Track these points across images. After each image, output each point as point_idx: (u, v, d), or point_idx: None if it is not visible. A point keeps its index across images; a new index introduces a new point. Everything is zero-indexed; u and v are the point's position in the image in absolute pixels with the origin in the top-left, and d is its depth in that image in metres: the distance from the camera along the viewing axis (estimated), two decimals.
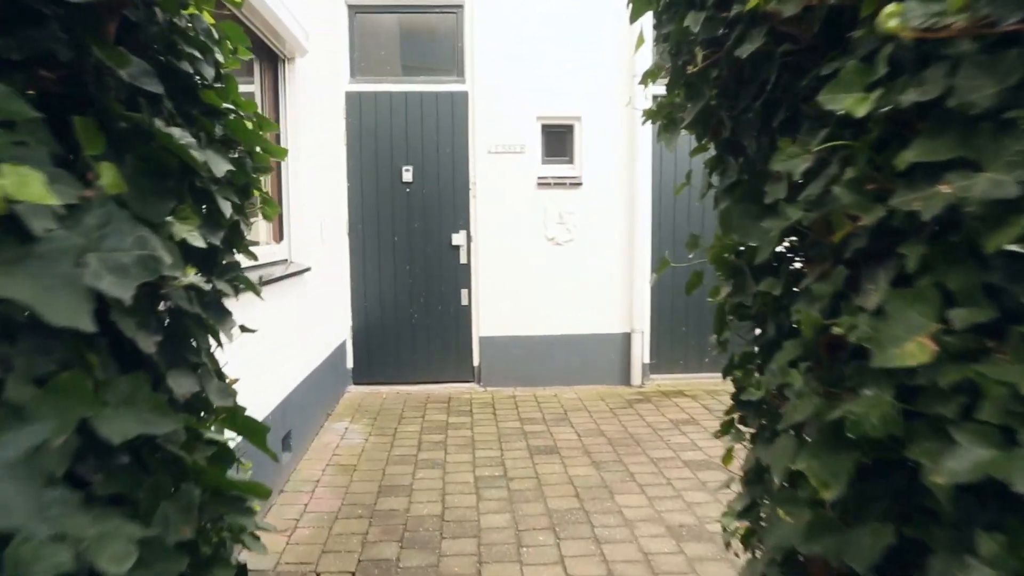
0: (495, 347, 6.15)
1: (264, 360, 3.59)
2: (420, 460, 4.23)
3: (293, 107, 4.41)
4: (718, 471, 4.06)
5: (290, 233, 4.40)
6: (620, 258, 6.23)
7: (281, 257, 4.30)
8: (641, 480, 3.92)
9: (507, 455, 4.35)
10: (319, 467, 4.10)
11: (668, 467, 4.14)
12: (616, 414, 5.31)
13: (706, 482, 3.90)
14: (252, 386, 3.60)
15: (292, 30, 4.11)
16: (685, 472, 4.05)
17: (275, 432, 3.69)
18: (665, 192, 6.30)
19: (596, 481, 3.90)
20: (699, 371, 6.50)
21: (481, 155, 6.04)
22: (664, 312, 6.37)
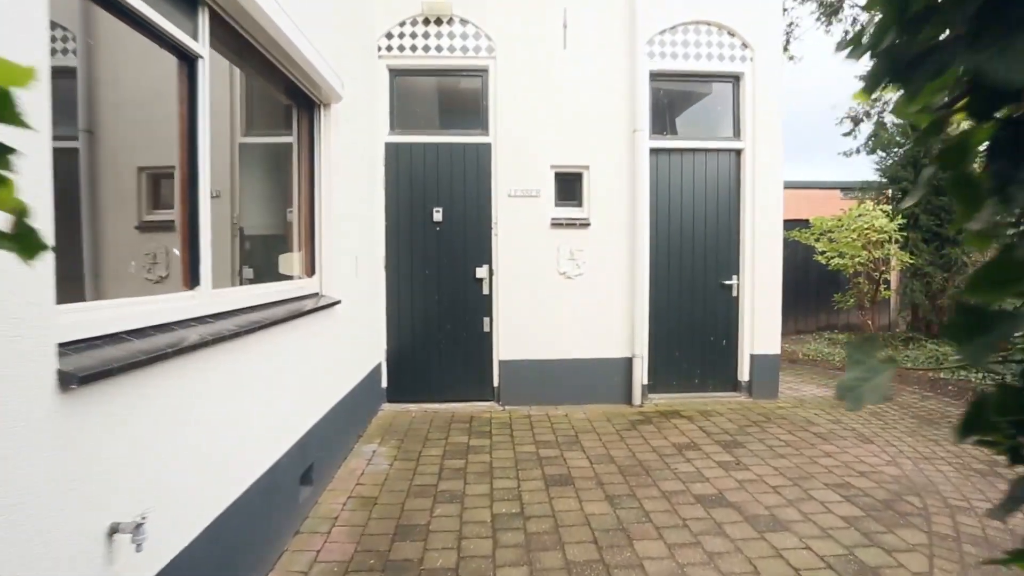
0: (512, 370, 5.22)
1: (289, 396, 2.70)
2: (440, 492, 3.29)
3: (327, 149, 3.54)
4: (731, 510, 3.09)
5: (321, 268, 3.52)
6: (623, 290, 5.30)
7: (312, 291, 3.41)
8: (657, 520, 2.96)
9: (524, 485, 3.40)
10: (340, 500, 3.17)
11: (681, 504, 3.17)
12: (622, 436, 4.34)
13: (722, 524, 2.93)
14: (270, 424, 2.77)
15: (326, 76, 3.25)
16: (699, 511, 3.08)
17: (293, 469, 2.78)
18: (660, 231, 5.38)
19: (612, 522, 2.94)
20: (690, 391, 5.54)
21: (502, 198, 5.14)
22: (660, 338, 5.43)
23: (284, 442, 2.64)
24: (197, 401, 1.89)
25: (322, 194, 3.51)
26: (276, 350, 2.57)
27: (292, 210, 3.39)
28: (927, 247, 8.16)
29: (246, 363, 2.24)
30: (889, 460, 3.87)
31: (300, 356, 2.91)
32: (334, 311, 3.52)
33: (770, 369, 5.53)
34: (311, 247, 3.45)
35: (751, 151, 5.36)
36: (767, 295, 5.46)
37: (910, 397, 5.67)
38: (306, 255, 3.42)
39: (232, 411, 2.12)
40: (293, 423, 2.78)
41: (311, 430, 3.03)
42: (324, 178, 3.52)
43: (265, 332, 2.41)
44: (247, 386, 2.26)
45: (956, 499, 3.29)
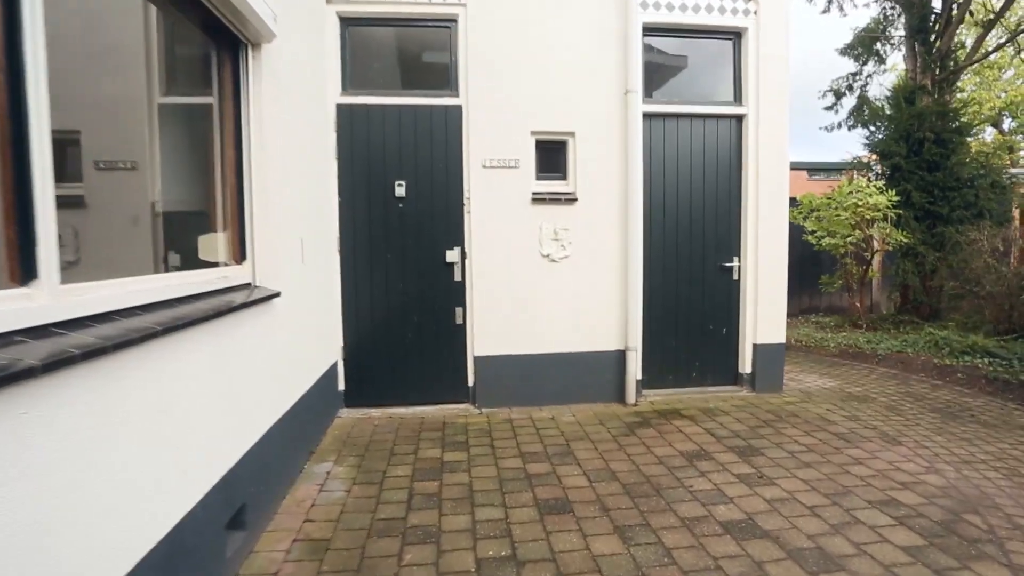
0: (490, 367, 4.60)
1: (205, 424, 2.03)
2: (410, 529, 2.66)
3: (258, 102, 2.81)
4: (768, 543, 2.56)
5: (254, 253, 2.80)
6: (614, 275, 4.72)
7: (242, 281, 2.70)
8: (684, 562, 2.40)
9: (512, 515, 2.80)
10: (283, 546, 2.50)
11: (706, 535, 2.62)
12: (621, 444, 3.79)
13: (762, 563, 2.40)
14: (172, 470, 1.78)
15: (253, 4, 2.52)
16: (730, 545, 2.54)
17: (215, 516, 2.11)
18: (654, 207, 4.82)
19: (628, 567, 2.36)
20: (687, 385, 5.03)
21: (475, 170, 4.48)
22: (655, 328, 4.89)
23: (198, 487, 1.96)
24: (22, 466, 1.21)
25: (252, 159, 2.78)
26: (181, 366, 1.88)
27: (214, 180, 2.66)
28: (919, 225, 7.85)
29: (123, 391, 1.56)
30: (928, 467, 3.42)
31: (222, 368, 2.22)
32: (272, 306, 2.83)
33: (774, 360, 5.06)
34: (239, 227, 2.74)
35: (754, 117, 4.81)
36: (772, 278, 4.96)
37: (919, 387, 5.30)
38: (232, 237, 2.70)
39: (96, 467, 1.44)
40: (212, 457, 2.11)
41: (243, 460, 2.36)
42: (255, 139, 2.79)
43: (161, 342, 1.73)
44: (126, 424, 1.58)
45: (1019, 516, 2.85)
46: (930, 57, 8.21)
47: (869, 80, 10.90)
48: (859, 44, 10.80)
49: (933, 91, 8.16)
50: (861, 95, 10.79)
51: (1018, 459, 3.56)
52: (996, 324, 6.76)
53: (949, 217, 7.81)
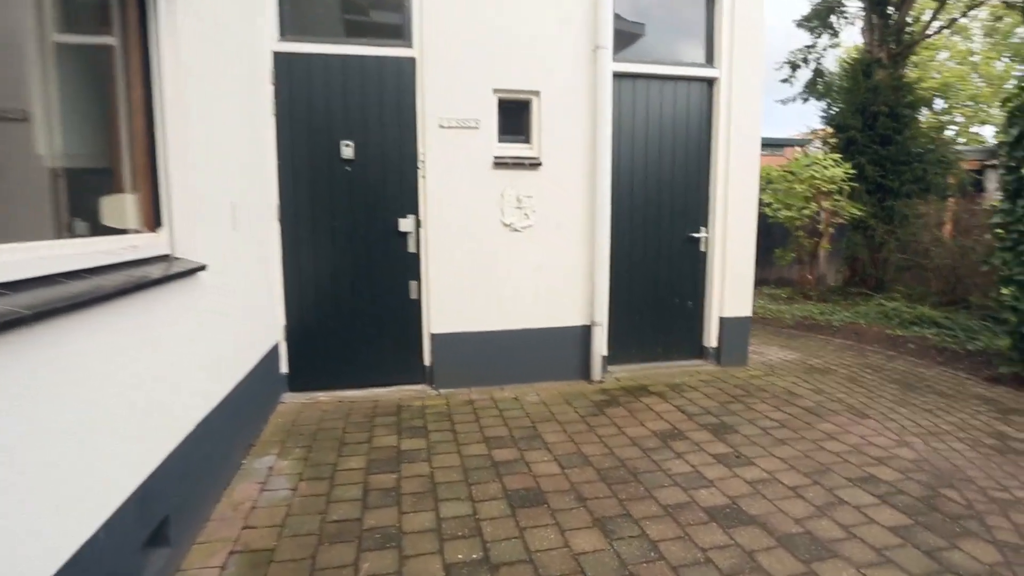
0: (448, 345, 4.31)
1: (108, 431, 1.67)
2: (367, 532, 2.37)
3: (172, 40, 2.36)
4: (756, 529, 2.42)
5: (172, 219, 2.39)
6: (581, 246, 4.49)
7: (157, 252, 2.30)
8: (671, 556, 2.23)
9: (481, 511, 2.56)
10: (218, 560, 2.17)
11: (691, 524, 2.46)
12: (590, 425, 3.60)
13: (753, 553, 2.25)
14: (63, 492, 1.36)
15: None
16: (717, 534, 2.39)
17: (130, 536, 1.76)
18: (622, 174, 4.59)
19: (613, 565, 2.17)
20: (653, 360, 4.91)
21: (431, 130, 4.11)
22: (620, 301, 4.71)
23: (100, 508, 1.61)
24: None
25: (166, 109, 2.34)
26: (71, 361, 1.51)
27: (119, 131, 2.23)
28: (871, 198, 7.99)
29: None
30: (898, 440, 3.39)
31: (133, 359, 1.85)
32: (197, 281, 2.43)
33: (740, 334, 4.98)
34: (151, 188, 2.31)
35: (727, 81, 4.62)
36: (740, 250, 4.85)
37: (875, 358, 5.37)
38: (144, 199, 2.28)
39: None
40: (121, 469, 1.75)
41: (165, 465, 2.00)
42: (169, 85, 2.35)
43: (35, 330, 1.35)
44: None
45: (994, 488, 2.82)
46: (888, 30, 8.28)
47: (824, 53, 11.00)
48: (815, 17, 10.85)
49: (889, 65, 8.25)
50: (817, 68, 10.89)
51: (979, 429, 3.59)
52: (941, 295, 6.97)
53: (899, 191, 7.97)
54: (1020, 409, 3.96)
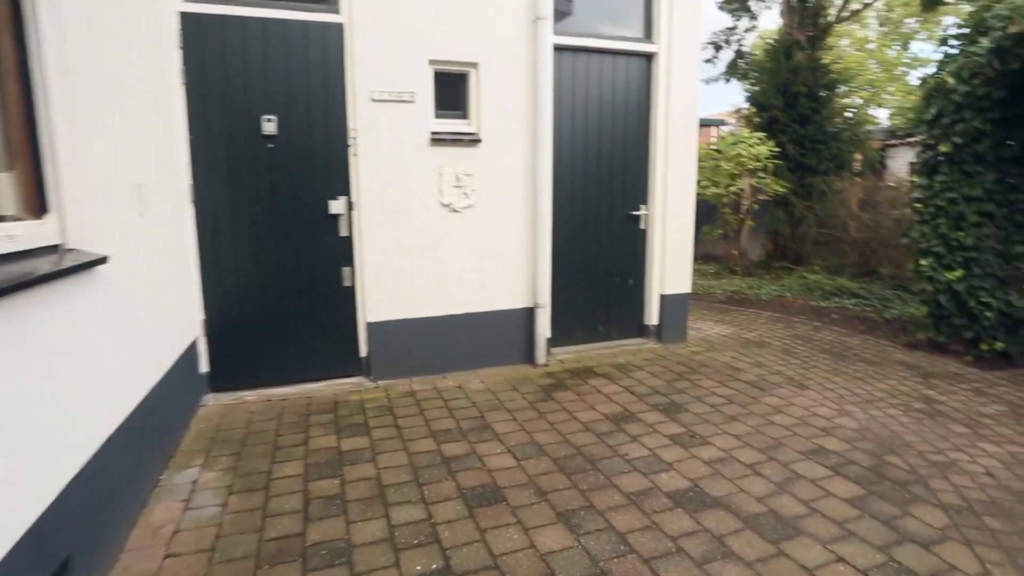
0: (386, 333, 4.04)
1: None
2: (311, 548, 2.13)
3: None
4: (722, 512, 2.37)
5: (61, 202, 2.00)
6: (522, 225, 4.32)
7: (44, 242, 1.92)
8: (642, 548, 2.12)
9: (437, 514, 2.37)
10: None
11: (657, 512, 2.38)
12: (540, 411, 3.47)
13: (722, 537, 2.20)
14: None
15: None
16: (684, 520, 2.31)
17: None
18: (563, 152, 4.45)
19: (584, 563, 2.04)
20: (595, 340, 4.85)
21: (362, 103, 3.78)
22: (563, 282, 4.59)
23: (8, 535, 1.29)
24: None
25: (46, 66, 1.94)
26: None
27: None
28: (792, 176, 8.29)
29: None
30: (838, 409, 3.48)
31: (13, 375, 1.51)
32: (96, 276, 2.07)
33: (680, 311, 5.01)
34: (33, 166, 1.92)
35: (665, 56, 4.55)
36: (679, 227, 4.84)
37: (803, 329, 5.57)
38: (25, 180, 1.89)
39: None
40: (5, 510, 1.42)
41: (63, 497, 1.67)
42: (48, 39, 1.95)
43: None
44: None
45: (931, 452, 2.93)
46: (805, 13, 8.56)
47: (745, 36, 11.30)
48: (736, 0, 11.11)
49: (808, 47, 8.56)
50: (738, 50, 11.18)
51: (907, 394, 3.75)
52: (856, 268, 7.35)
53: (817, 168, 8.32)
54: (939, 373, 4.19)
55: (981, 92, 4.09)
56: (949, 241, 4.38)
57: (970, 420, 3.34)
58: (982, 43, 3.99)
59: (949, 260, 4.38)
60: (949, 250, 4.39)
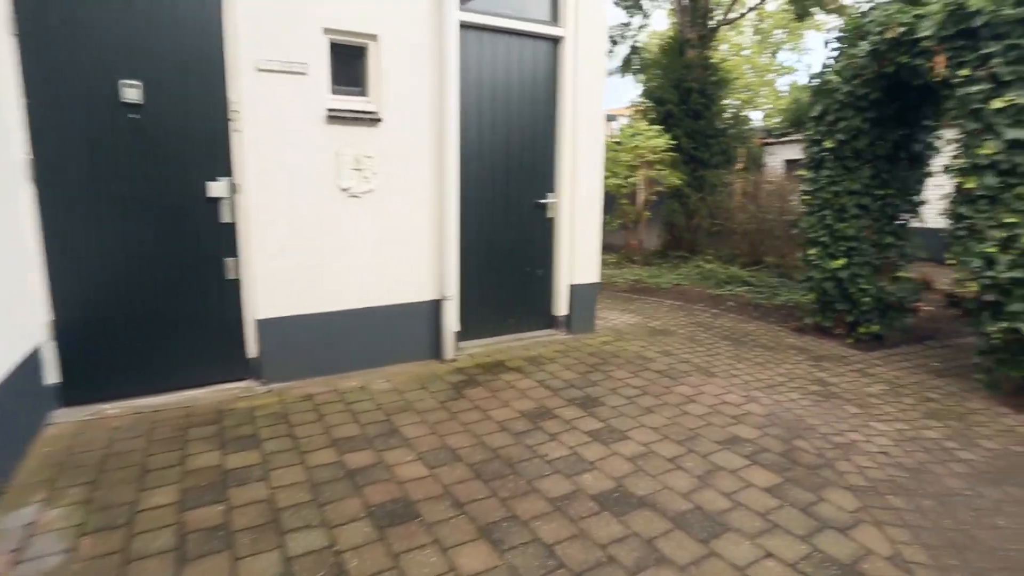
0: (278, 331, 3.60)
1: None
2: None
3: None
4: (649, 512, 2.26)
5: None
6: (427, 213, 4.03)
7: None
8: (571, 560, 1.95)
9: (342, 539, 2.06)
10: None
11: (584, 517, 2.22)
12: (452, 412, 3.22)
13: (652, 540, 2.08)
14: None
15: None
16: (612, 524, 2.17)
17: None
18: (469, 136, 4.20)
19: None
20: (505, 332, 4.67)
21: (247, 73, 3.29)
22: (471, 272, 4.36)
23: None
24: None
25: None
26: None
27: None
28: (686, 168, 8.59)
29: None
30: (746, 396, 3.54)
31: None
32: None
33: (589, 300, 4.95)
34: None
35: (572, 40, 4.42)
36: (587, 216, 4.77)
37: (703, 316, 5.73)
38: None
39: None
40: None
41: None
42: None
43: None
44: None
45: (832, 434, 3.03)
46: (696, 12, 8.89)
47: (639, 31, 11.60)
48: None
49: (698, 45, 8.89)
50: (633, 45, 11.44)
51: (803, 378, 3.91)
52: (746, 257, 7.76)
53: (708, 162, 8.70)
54: (827, 356, 4.43)
55: (861, 92, 4.34)
56: (834, 232, 4.65)
57: (860, 400, 3.53)
58: (862, 46, 4.22)
59: (833, 249, 4.66)
60: (834, 240, 4.66)
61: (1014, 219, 3.26)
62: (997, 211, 3.34)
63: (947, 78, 3.64)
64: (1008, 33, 3.33)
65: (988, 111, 3.35)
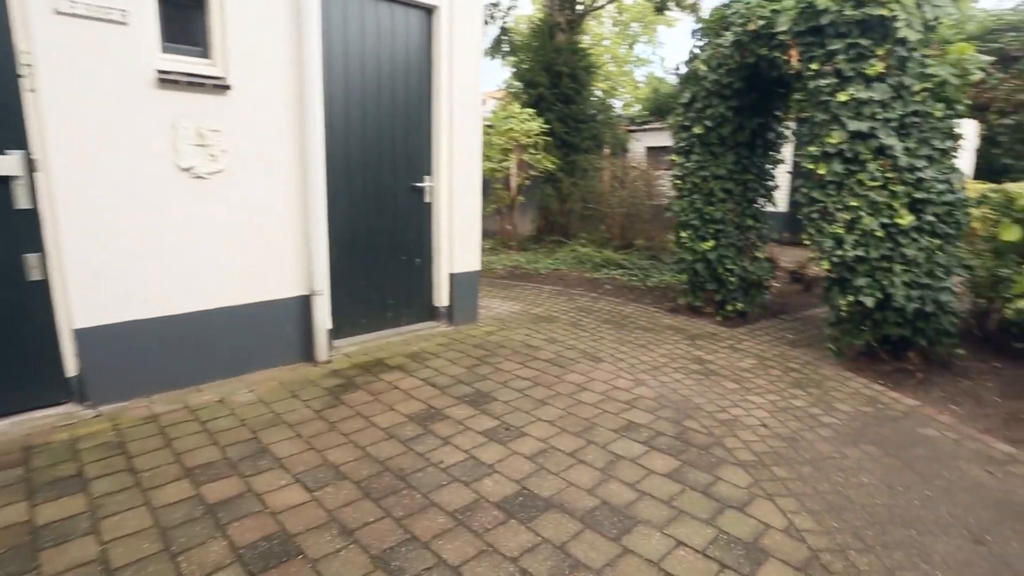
0: (108, 341, 2.99)
1: None
2: None
3: None
4: (557, 514, 2.15)
5: None
6: (291, 196, 3.59)
7: None
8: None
9: None
10: None
11: (490, 529, 2.05)
12: (330, 421, 2.89)
13: (564, 545, 1.96)
14: None
15: None
16: (522, 533, 2.02)
17: None
18: (336, 113, 3.81)
19: None
20: (383, 327, 4.37)
21: (41, 15, 2.63)
22: (342, 264, 4.00)
23: None
24: None
25: None
26: None
27: None
28: (559, 153, 8.70)
29: None
30: (633, 380, 3.59)
31: None
32: None
33: (471, 289, 4.78)
34: None
35: (447, 11, 4.16)
36: (467, 200, 4.58)
37: (583, 300, 5.82)
38: None
39: None
40: None
41: None
42: None
43: None
44: None
45: (717, 412, 3.15)
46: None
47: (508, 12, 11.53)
48: None
49: (568, 30, 9.00)
50: (503, 26, 11.36)
51: (684, 358, 4.07)
52: (618, 240, 8.05)
53: (580, 147, 8.88)
54: (701, 334, 4.68)
55: (726, 81, 4.58)
56: (703, 215, 4.90)
57: (736, 376, 3.73)
58: (727, 36, 4.45)
59: (704, 232, 4.91)
60: (704, 223, 4.91)
61: (856, 203, 3.61)
62: (843, 195, 3.68)
63: (800, 71, 3.93)
64: (849, 32, 3.65)
65: (835, 103, 3.66)
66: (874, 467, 2.61)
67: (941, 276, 3.55)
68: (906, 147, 3.49)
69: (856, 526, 2.16)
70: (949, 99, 3.52)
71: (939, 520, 2.22)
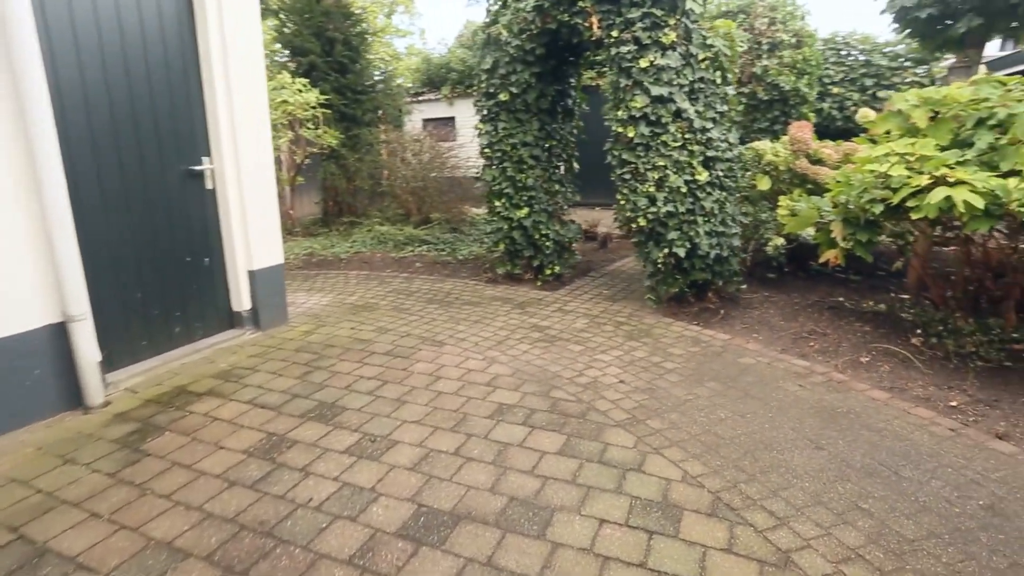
0: None
1: None
2: None
3: None
4: (471, 526, 1.93)
5: None
6: (14, 197, 2.64)
7: None
8: None
9: None
10: None
11: (400, 565, 1.74)
12: (135, 484, 2.21)
13: (489, 558, 1.75)
14: None
15: None
16: (441, 560, 1.75)
17: None
18: (70, 89, 2.92)
19: None
20: (173, 347, 3.58)
21: None
22: (105, 274, 3.14)
23: None
24: None
25: None
26: None
27: None
28: (339, 127, 8.02)
29: None
30: (484, 359, 3.46)
31: None
32: None
33: (276, 286, 4.14)
34: None
35: None
36: (259, 183, 3.91)
37: (398, 283, 5.49)
38: None
39: None
40: None
41: None
42: None
43: None
44: None
45: (577, 376, 3.19)
46: None
47: None
48: None
49: None
50: None
51: (522, 327, 4.07)
52: (417, 216, 7.78)
53: (361, 120, 8.30)
54: (527, 301, 4.74)
55: (528, 47, 4.60)
56: (516, 183, 4.92)
57: (576, 338, 3.85)
58: (528, 1, 4.43)
59: (517, 199, 4.95)
60: (516, 190, 4.94)
61: (663, 162, 3.93)
62: (651, 156, 3.97)
63: (601, 39, 4.09)
64: (643, 2, 3.89)
65: (636, 69, 3.90)
66: (723, 401, 2.89)
67: (731, 224, 4.08)
68: (697, 110, 3.88)
69: (734, 459, 2.35)
70: (723, 68, 3.99)
71: (787, 437, 2.53)
